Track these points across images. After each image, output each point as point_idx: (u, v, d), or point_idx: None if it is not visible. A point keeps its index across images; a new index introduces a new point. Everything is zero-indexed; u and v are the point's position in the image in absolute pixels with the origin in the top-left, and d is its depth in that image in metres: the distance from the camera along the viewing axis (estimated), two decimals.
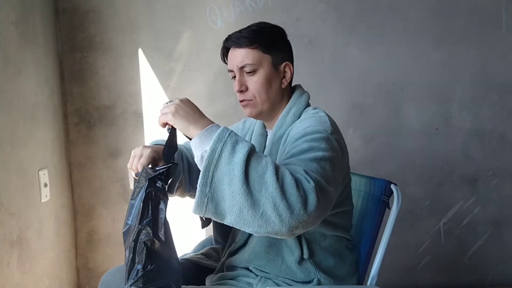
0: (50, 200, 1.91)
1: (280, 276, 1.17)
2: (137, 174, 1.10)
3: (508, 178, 2.21)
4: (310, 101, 1.26)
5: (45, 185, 1.86)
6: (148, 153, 1.12)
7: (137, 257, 0.96)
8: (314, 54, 2.12)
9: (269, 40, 1.18)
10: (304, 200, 0.89)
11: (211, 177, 0.90)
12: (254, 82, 1.18)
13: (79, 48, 2.08)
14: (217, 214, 0.92)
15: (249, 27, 1.20)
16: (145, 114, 2.13)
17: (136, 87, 2.11)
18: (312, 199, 0.89)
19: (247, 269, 1.20)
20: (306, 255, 1.15)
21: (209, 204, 0.90)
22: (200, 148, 0.94)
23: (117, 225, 2.16)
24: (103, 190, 2.15)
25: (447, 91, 2.16)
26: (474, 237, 2.23)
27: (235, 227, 0.93)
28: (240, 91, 1.19)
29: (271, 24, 1.23)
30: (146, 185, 1.00)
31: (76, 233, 2.17)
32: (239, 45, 1.17)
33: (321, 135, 1.05)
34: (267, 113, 1.23)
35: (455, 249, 2.24)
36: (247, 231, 0.92)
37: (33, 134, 1.81)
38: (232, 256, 1.25)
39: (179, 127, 0.99)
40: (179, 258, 1.07)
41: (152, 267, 0.96)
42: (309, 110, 1.21)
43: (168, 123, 1.01)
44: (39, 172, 1.83)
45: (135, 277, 0.95)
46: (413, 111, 2.17)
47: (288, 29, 1.27)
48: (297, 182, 0.89)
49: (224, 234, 1.35)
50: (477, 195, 2.21)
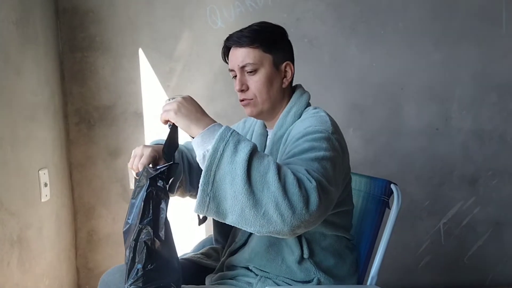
0: (50, 200, 1.91)
1: (280, 276, 1.17)
2: (138, 174, 1.10)
3: (508, 178, 2.21)
4: (310, 101, 1.26)
5: (45, 184, 1.86)
6: (148, 153, 1.12)
7: (137, 256, 0.96)
8: (314, 54, 2.12)
9: (270, 40, 1.18)
10: (306, 200, 0.89)
11: (213, 176, 0.90)
12: (255, 82, 1.18)
13: (79, 48, 2.08)
14: (219, 213, 0.91)
15: (250, 26, 1.20)
16: (145, 114, 2.13)
17: (136, 87, 2.11)
18: (314, 198, 0.89)
19: (247, 269, 1.20)
20: (306, 255, 1.15)
21: (210, 204, 0.90)
22: (202, 147, 0.94)
23: (117, 225, 2.16)
24: (103, 190, 2.15)
25: (447, 91, 2.16)
26: (474, 237, 2.23)
27: (236, 227, 0.93)
28: (241, 91, 1.19)
29: (272, 23, 1.23)
30: (147, 185, 1.00)
31: (76, 233, 2.17)
32: (240, 45, 1.17)
33: (322, 135, 1.05)
34: (268, 113, 1.23)
35: (455, 249, 2.23)
36: (248, 230, 0.92)
37: (33, 134, 1.81)
38: (232, 256, 1.25)
39: (181, 125, 0.99)
40: (179, 258, 1.07)
41: (152, 266, 0.96)
42: (310, 109, 1.21)
43: (169, 120, 1.01)
44: (39, 171, 1.83)
45: (135, 277, 0.95)
46: (413, 111, 2.17)
47: (288, 29, 1.27)
48: (299, 182, 0.89)
49: (224, 234, 1.35)
50: (477, 195, 2.21)
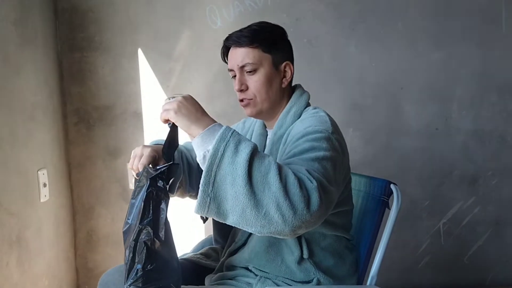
0: (49, 200, 1.90)
1: (279, 276, 1.16)
2: (138, 174, 1.10)
3: (508, 178, 2.21)
4: (310, 101, 1.26)
5: (44, 185, 1.86)
6: (148, 153, 1.11)
7: (137, 256, 0.96)
8: (314, 54, 2.12)
9: (269, 40, 1.18)
10: (307, 200, 0.88)
11: (213, 177, 0.89)
12: (255, 82, 1.18)
13: (78, 48, 2.08)
14: (219, 214, 0.91)
15: (249, 26, 1.20)
16: (145, 114, 2.12)
17: (136, 87, 2.11)
18: (315, 199, 0.89)
19: (247, 269, 1.20)
20: (305, 255, 1.15)
21: (211, 204, 0.90)
22: (203, 147, 0.94)
23: (117, 225, 2.15)
24: (102, 190, 2.15)
25: (447, 91, 2.16)
26: (474, 237, 2.23)
27: (236, 227, 0.93)
28: (240, 90, 1.19)
29: (271, 23, 1.23)
30: (147, 185, 0.99)
31: (75, 233, 2.17)
32: (240, 44, 1.17)
33: (322, 135, 1.05)
34: (267, 113, 1.23)
35: (455, 249, 2.23)
36: (249, 231, 0.92)
37: (32, 134, 1.81)
38: (232, 256, 1.25)
39: (181, 125, 0.98)
40: (178, 258, 1.07)
41: (152, 267, 0.95)
42: (309, 109, 1.21)
43: (169, 119, 1.01)
44: (38, 172, 1.83)
45: (135, 277, 0.95)
46: (413, 111, 2.17)
47: (288, 29, 1.27)
48: (300, 182, 0.89)
49: (224, 234, 1.35)
50: (477, 195, 2.21)
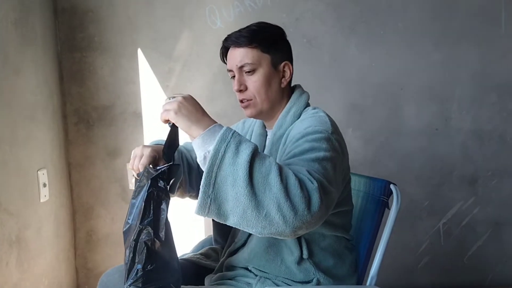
0: (49, 200, 1.90)
1: (279, 276, 1.16)
2: (138, 175, 1.10)
3: (508, 179, 2.21)
4: (310, 101, 1.26)
5: (44, 185, 1.86)
6: (148, 153, 1.11)
7: (137, 256, 0.96)
8: (313, 54, 2.12)
9: (268, 40, 1.18)
10: (308, 201, 0.88)
11: (214, 178, 0.89)
12: (254, 82, 1.18)
13: (78, 48, 2.08)
14: (220, 215, 0.91)
15: (248, 26, 1.20)
16: (144, 114, 2.12)
17: (135, 87, 2.11)
18: (316, 199, 0.89)
19: (246, 269, 1.20)
20: (305, 255, 1.15)
21: (212, 205, 0.89)
22: (203, 148, 0.93)
23: (116, 225, 2.15)
24: (102, 190, 2.15)
25: (447, 91, 2.16)
26: (474, 238, 2.23)
27: (237, 228, 0.93)
28: (240, 91, 1.19)
29: (270, 24, 1.23)
30: (148, 185, 0.99)
31: (75, 233, 2.17)
32: (239, 45, 1.17)
33: (322, 135, 1.05)
34: (267, 113, 1.22)
35: (455, 250, 2.23)
36: (250, 232, 0.92)
37: (32, 134, 1.80)
38: (232, 256, 1.25)
39: (181, 125, 0.98)
40: (178, 258, 1.07)
41: (152, 267, 0.95)
42: (309, 110, 1.20)
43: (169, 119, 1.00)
44: (38, 172, 1.83)
45: (135, 277, 0.95)
46: (412, 111, 2.17)
47: (288, 29, 1.27)
48: (300, 183, 0.89)
49: (224, 234, 1.35)
50: (477, 195, 2.21)
